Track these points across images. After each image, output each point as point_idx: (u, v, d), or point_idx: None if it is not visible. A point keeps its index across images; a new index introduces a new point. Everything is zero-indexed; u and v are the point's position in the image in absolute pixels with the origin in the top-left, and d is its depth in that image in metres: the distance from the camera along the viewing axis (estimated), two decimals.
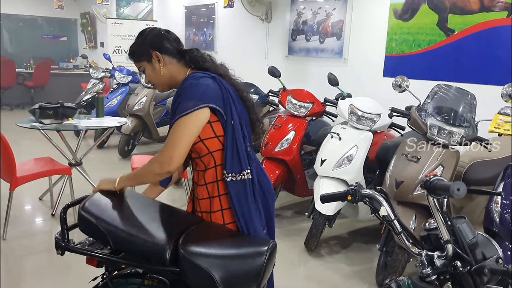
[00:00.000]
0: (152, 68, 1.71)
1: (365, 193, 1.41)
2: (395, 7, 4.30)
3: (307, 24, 5.32)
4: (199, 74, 1.65)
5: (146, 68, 1.72)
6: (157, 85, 1.77)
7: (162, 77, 1.71)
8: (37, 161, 3.83)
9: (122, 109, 6.15)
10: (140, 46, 1.72)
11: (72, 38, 11.41)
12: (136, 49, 1.73)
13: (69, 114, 3.97)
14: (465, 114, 2.72)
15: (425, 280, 1.29)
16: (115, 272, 1.62)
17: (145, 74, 1.74)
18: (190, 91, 1.59)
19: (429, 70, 4.05)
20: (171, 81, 1.73)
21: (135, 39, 1.75)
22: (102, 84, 6.82)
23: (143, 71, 1.74)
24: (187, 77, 1.68)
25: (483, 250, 1.29)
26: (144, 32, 1.74)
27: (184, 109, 1.55)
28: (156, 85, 1.77)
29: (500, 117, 2.36)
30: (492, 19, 3.57)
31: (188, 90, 1.60)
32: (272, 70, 4.19)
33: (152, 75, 1.72)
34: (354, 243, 3.53)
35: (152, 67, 1.71)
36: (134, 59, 1.74)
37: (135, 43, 1.73)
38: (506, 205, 2.22)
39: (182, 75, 1.71)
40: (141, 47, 1.71)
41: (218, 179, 1.67)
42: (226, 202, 1.68)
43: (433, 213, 1.27)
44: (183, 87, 1.63)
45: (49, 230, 3.65)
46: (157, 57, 1.69)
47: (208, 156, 1.65)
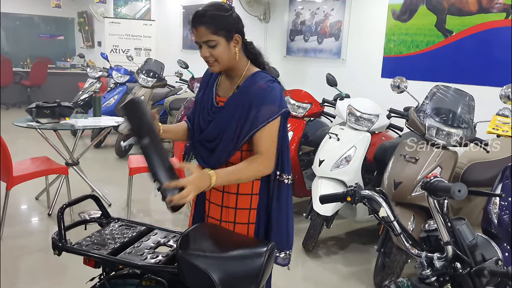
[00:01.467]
0: (227, 48, 1.59)
1: (365, 194, 1.41)
2: (394, 8, 4.30)
3: (305, 24, 5.32)
4: (268, 77, 1.66)
5: (219, 44, 1.56)
6: (218, 64, 1.62)
7: (231, 59, 1.62)
8: (34, 160, 3.81)
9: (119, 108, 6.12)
10: (224, 21, 1.56)
11: (69, 37, 11.38)
12: (218, 22, 1.55)
13: (66, 113, 3.96)
14: (464, 115, 2.73)
15: (424, 281, 1.29)
16: (112, 272, 1.61)
17: (211, 49, 1.57)
18: (273, 95, 1.61)
19: (427, 71, 4.05)
20: (231, 65, 1.65)
21: (215, 9, 1.56)
22: (99, 83, 6.79)
23: (211, 45, 1.56)
24: (256, 75, 1.65)
25: (482, 251, 1.29)
26: (225, 7, 1.59)
27: (273, 113, 1.59)
28: (217, 64, 1.62)
29: (499, 118, 2.36)
30: (491, 20, 3.58)
31: (269, 94, 1.60)
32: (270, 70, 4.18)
33: (222, 53, 1.59)
34: (352, 244, 3.53)
35: (228, 47, 1.59)
36: (210, 29, 1.54)
37: (219, 15, 1.55)
38: (505, 207, 2.22)
39: (243, 65, 1.68)
40: (225, 22, 1.56)
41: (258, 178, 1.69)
42: (255, 202, 1.71)
43: (433, 215, 1.26)
44: (266, 86, 1.61)
45: (46, 230, 3.63)
46: (237, 40, 1.61)
47: None
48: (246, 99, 1.60)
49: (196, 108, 1.77)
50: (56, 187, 3.95)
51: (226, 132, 1.62)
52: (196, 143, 1.74)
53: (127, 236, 1.66)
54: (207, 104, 1.72)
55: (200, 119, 1.72)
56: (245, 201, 1.70)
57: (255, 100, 1.59)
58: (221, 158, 1.65)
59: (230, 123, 1.62)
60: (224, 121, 1.63)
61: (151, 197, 4.53)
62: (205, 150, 1.71)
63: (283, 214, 1.73)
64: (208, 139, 1.67)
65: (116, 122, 4.22)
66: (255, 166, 1.59)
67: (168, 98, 6.11)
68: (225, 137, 1.62)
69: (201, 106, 1.74)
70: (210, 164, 1.66)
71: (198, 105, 1.76)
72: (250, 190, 1.70)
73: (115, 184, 4.73)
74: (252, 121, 1.58)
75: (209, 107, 1.71)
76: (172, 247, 1.63)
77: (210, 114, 1.69)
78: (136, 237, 1.68)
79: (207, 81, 1.79)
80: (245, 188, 1.69)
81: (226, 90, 1.72)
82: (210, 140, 1.67)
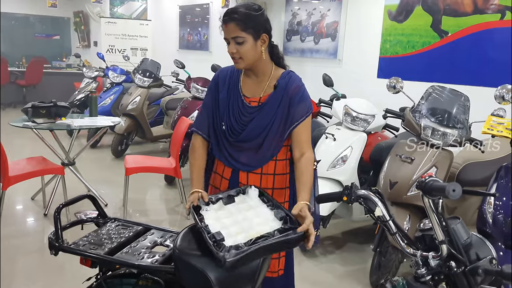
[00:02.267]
0: (254, 46, 1.65)
1: (361, 194, 1.42)
2: (390, 8, 4.32)
3: (302, 24, 5.33)
4: (298, 77, 1.79)
5: (246, 41, 1.63)
6: (243, 61, 1.68)
7: (256, 58, 1.69)
8: (30, 160, 3.80)
9: (115, 108, 6.12)
10: (253, 20, 1.63)
11: (65, 37, 11.34)
12: (248, 20, 1.62)
13: (62, 113, 3.95)
14: (459, 115, 2.74)
15: (419, 280, 1.30)
16: (109, 272, 1.61)
17: (238, 45, 1.64)
18: (306, 93, 1.77)
19: (423, 71, 4.07)
20: (256, 64, 1.72)
21: (246, 8, 1.63)
22: (96, 83, 6.77)
23: (239, 42, 1.63)
24: (289, 75, 1.76)
25: (477, 250, 1.31)
26: (255, 7, 1.66)
27: (309, 108, 1.75)
28: (242, 61, 1.67)
29: (494, 118, 2.38)
30: (486, 21, 3.60)
31: (304, 92, 1.76)
32: None
33: (249, 51, 1.65)
34: (348, 243, 3.54)
35: (255, 45, 1.65)
36: (240, 26, 1.61)
37: (249, 14, 1.62)
38: (499, 206, 2.24)
39: (270, 65, 1.77)
40: (254, 21, 1.63)
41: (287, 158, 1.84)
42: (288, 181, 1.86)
43: (428, 214, 1.27)
44: (301, 86, 1.75)
45: (42, 230, 3.62)
46: (264, 40, 1.68)
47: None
48: (286, 97, 1.72)
49: (220, 111, 1.77)
50: (52, 187, 3.94)
51: (271, 129, 1.72)
52: (229, 146, 1.77)
53: (124, 236, 1.67)
54: (236, 105, 1.75)
55: (232, 121, 1.74)
56: (282, 179, 1.82)
57: (295, 98, 1.72)
58: (267, 155, 1.75)
59: (274, 120, 1.72)
60: (267, 118, 1.72)
61: (147, 197, 4.53)
62: (242, 152, 1.76)
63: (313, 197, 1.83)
64: (249, 138, 1.73)
65: (113, 122, 4.22)
66: (311, 167, 1.72)
67: (164, 98, 6.10)
68: (270, 134, 1.72)
69: (228, 109, 1.76)
70: (252, 164, 1.75)
71: (223, 108, 1.77)
72: (284, 170, 1.83)
73: (111, 184, 4.73)
74: (293, 116, 1.72)
75: (240, 108, 1.75)
76: (169, 247, 1.63)
77: (246, 114, 1.74)
78: (132, 237, 1.68)
79: (225, 83, 1.80)
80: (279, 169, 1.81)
81: (253, 90, 1.77)
82: (250, 140, 1.73)
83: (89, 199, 1.78)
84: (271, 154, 1.76)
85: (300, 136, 1.74)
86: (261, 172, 1.78)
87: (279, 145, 1.75)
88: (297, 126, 1.72)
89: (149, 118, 6.06)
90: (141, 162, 3.96)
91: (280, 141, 1.75)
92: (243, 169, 1.77)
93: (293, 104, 1.72)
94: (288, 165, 1.84)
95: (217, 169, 1.85)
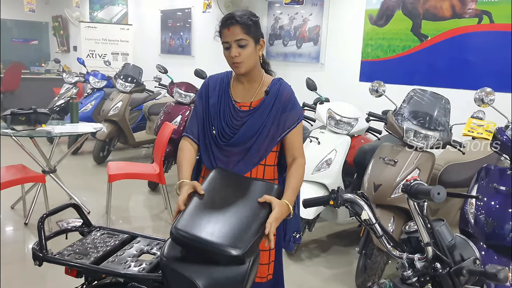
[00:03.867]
0: (255, 50, 1.71)
1: (347, 198, 1.43)
2: (371, 13, 4.39)
3: (284, 29, 5.37)
4: (287, 83, 1.84)
5: (248, 45, 1.68)
6: (244, 65, 1.71)
7: (256, 62, 1.74)
8: (9, 168, 3.71)
9: (96, 114, 6.04)
10: (255, 24, 1.71)
11: (43, 42, 11.15)
12: (251, 24, 1.69)
13: (42, 120, 3.88)
14: (440, 118, 2.80)
15: (406, 282, 1.32)
16: (95, 282, 1.59)
17: (240, 49, 1.67)
18: (296, 100, 1.82)
19: (404, 74, 4.14)
20: (253, 69, 1.75)
21: (247, 13, 1.71)
22: (76, 89, 6.68)
23: (242, 45, 1.67)
24: (279, 81, 1.81)
25: (461, 251, 1.33)
26: (254, 14, 1.74)
27: (300, 115, 1.80)
28: (243, 64, 1.70)
29: (474, 121, 2.43)
30: (464, 26, 3.68)
31: (295, 99, 1.82)
32: None
33: (251, 54, 1.70)
34: (334, 246, 3.57)
35: (255, 49, 1.72)
36: (244, 29, 1.66)
37: (252, 19, 1.70)
38: (480, 207, 2.29)
39: (261, 72, 1.82)
40: (256, 26, 1.72)
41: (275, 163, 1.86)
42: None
43: (413, 217, 1.29)
44: (292, 93, 1.80)
45: (22, 239, 3.54)
46: (262, 45, 1.75)
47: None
48: (278, 104, 1.76)
49: (211, 116, 1.78)
50: (33, 196, 3.86)
51: (261, 134, 1.74)
52: (218, 151, 1.77)
53: (110, 245, 1.64)
54: (227, 110, 1.77)
55: (224, 125, 1.76)
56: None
57: (287, 105, 1.77)
58: (255, 159, 1.75)
59: (265, 124, 1.74)
60: (258, 122, 1.74)
61: (130, 204, 4.48)
62: (231, 157, 1.75)
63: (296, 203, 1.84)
64: (239, 142, 1.74)
65: (94, 128, 4.16)
66: (302, 171, 1.76)
67: (146, 103, 6.05)
68: (260, 138, 1.74)
69: (219, 114, 1.77)
70: (240, 169, 1.74)
71: (214, 113, 1.78)
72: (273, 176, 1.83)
73: (93, 191, 4.66)
74: (285, 123, 1.76)
75: (232, 112, 1.77)
76: (155, 255, 1.61)
77: (238, 118, 1.76)
78: (119, 245, 1.66)
79: (215, 89, 1.82)
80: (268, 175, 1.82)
81: (244, 95, 1.80)
82: (241, 143, 1.74)
83: (73, 208, 1.75)
84: (259, 159, 1.76)
85: (292, 142, 1.78)
86: (250, 176, 1.78)
87: (267, 150, 1.76)
88: (290, 132, 1.76)
89: (131, 124, 6.00)
90: (124, 168, 3.91)
91: (269, 146, 1.76)
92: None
93: (286, 111, 1.76)
94: (276, 171, 1.85)
95: (205, 174, 1.84)
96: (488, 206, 2.26)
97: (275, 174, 1.85)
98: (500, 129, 2.35)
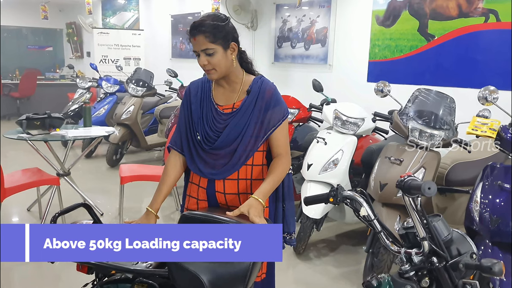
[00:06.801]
0: (225, 56, 1.68)
1: (346, 195, 1.47)
2: (377, 13, 4.41)
3: (292, 31, 5.41)
4: (270, 81, 1.82)
5: (216, 52, 1.65)
6: (216, 72, 1.69)
7: (228, 67, 1.71)
8: (25, 172, 3.83)
9: (109, 118, 6.16)
10: (221, 30, 1.65)
11: (58, 48, 11.38)
12: (216, 31, 1.63)
13: (56, 124, 3.98)
14: (445, 117, 2.81)
15: (404, 276, 1.35)
16: (105, 278, 1.65)
17: (209, 57, 1.65)
18: (280, 97, 1.80)
19: (411, 74, 4.15)
20: (228, 73, 1.74)
21: (212, 19, 1.64)
22: (89, 93, 6.81)
23: (210, 54, 1.64)
24: (260, 80, 1.79)
25: (458, 246, 1.36)
26: (222, 18, 1.68)
27: (285, 112, 1.78)
28: (215, 71, 1.69)
29: (478, 119, 2.44)
30: (470, 25, 3.68)
31: (278, 96, 1.79)
32: None
33: (220, 61, 1.67)
34: (342, 246, 3.59)
35: (225, 55, 1.68)
36: (209, 38, 1.62)
37: (217, 25, 1.64)
38: (485, 204, 2.29)
39: (241, 71, 1.80)
40: (223, 32, 1.65)
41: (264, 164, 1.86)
42: None
43: (409, 212, 1.33)
44: (274, 90, 1.78)
45: None
46: (234, 48, 1.71)
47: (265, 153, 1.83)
48: (260, 101, 1.74)
49: (194, 122, 1.78)
50: (48, 198, 3.96)
51: (246, 133, 1.73)
52: (204, 156, 1.77)
53: None
54: (209, 114, 1.77)
55: (207, 129, 1.75)
56: (258, 184, 1.76)
57: (269, 103, 1.75)
58: (241, 160, 1.74)
59: (249, 123, 1.73)
60: (241, 123, 1.73)
61: (142, 206, 4.55)
62: (217, 160, 1.76)
63: (291, 202, 1.88)
64: (224, 145, 1.73)
65: (107, 132, 4.26)
66: (282, 168, 1.75)
67: (158, 106, 6.14)
68: (245, 138, 1.73)
69: (202, 119, 1.77)
70: (227, 171, 1.75)
71: (197, 119, 1.78)
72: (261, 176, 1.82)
73: (106, 193, 4.76)
74: (269, 121, 1.74)
75: (214, 116, 1.76)
76: None
77: (220, 121, 1.75)
78: None
79: (197, 94, 1.82)
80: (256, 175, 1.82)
81: (226, 98, 1.79)
82: (225, 146, 1.73)
83: (84, 208, 1.81)
84: (246, 158, 1.75)
85: (278, 140, 1.77)
86: (238, 177, 1.78)
87: (253, 149, 1.75)
88: (275, 130, 1.76)
89: (143, 127, 6.10)
90: (136, 170, 4.00)
91: (255, 146, 1.75)
92: (218, 177, 1.76)
93: (269, 108, 1.74)
94: (265, 170, 1.83)
95: (193, 179, 1.85)
96: (492, 204, 2.27)
97: (263, 174, 1.82)
98: (504, 127, 2.35)
